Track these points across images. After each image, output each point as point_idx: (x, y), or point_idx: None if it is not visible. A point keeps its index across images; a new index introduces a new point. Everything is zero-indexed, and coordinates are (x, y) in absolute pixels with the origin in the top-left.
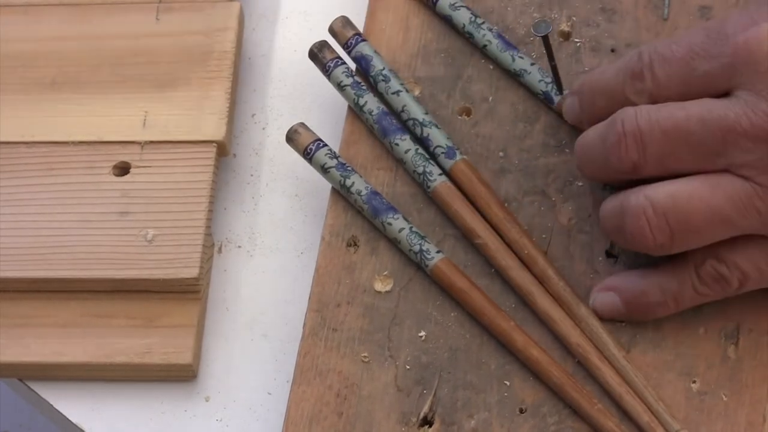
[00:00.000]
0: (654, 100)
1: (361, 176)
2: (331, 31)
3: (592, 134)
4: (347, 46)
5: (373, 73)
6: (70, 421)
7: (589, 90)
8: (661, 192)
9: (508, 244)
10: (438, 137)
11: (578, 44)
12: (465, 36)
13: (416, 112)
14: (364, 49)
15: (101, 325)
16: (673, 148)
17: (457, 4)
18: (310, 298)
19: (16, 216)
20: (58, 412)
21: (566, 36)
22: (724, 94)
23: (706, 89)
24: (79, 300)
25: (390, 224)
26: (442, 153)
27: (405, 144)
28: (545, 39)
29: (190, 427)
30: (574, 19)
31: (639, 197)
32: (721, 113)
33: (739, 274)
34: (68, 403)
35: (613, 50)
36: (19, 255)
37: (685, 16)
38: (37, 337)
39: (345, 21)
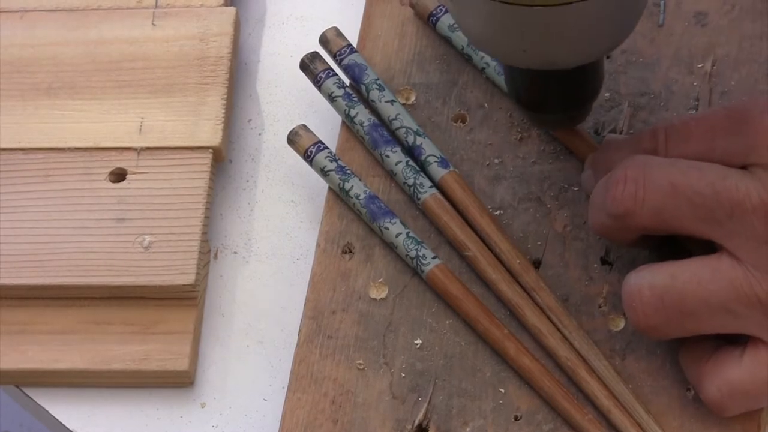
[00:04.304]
0: None
1: (360, 180)
2: (323, 40)
3: (600, 182)
4: (339, 55)
5: (366, 81)
6: (66, 427)
7: (604, 168)
8: (661, 273)
9: (497, 256)
10: (431, 146)
11: None
12: (464, 57)
13: (409, 121)
14: (356, 58)
15: (98, 332)
16: (676, 203)
17: (456, 26)
18: (305, 305)
19: (12, 223)
20: (55, 418)
21: None
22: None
23: (720, 162)
24: (75, 307)
25: (387, 229)
26: (436, 162)
27: (395, 156)
28: None
29: None
30: None
31: (638, 276)
32: (734, 184)
33: None
34: (64, 409)
35: (608, 56)
36: (15, 262)
37: (681, 23)
38: (34, 344)
39: (336, 31)
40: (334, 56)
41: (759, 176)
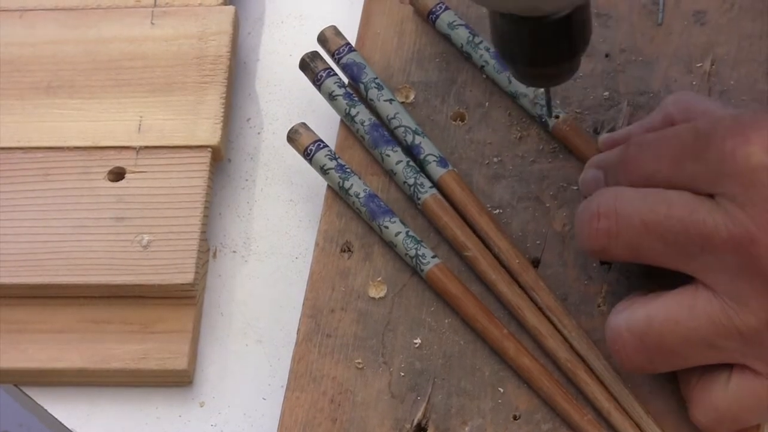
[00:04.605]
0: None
1: (360, 178)
2: (321, 39)
3: (578, 211)
4: (338, 54)
5: (365, 80)
6: (65, 426)
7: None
8: (638, 313)
9: (496, 255)
10: (430, 145)
11: None
12: (463, 55)
13: (408, 120)
14: (354, 57)
15: (97, 331)
16: (649, 241)
17: (455, 23)
18: (304, 303)
19: (11, 222)
20: (54, 417)
21: None
22: (707, 194)
23: (689, 187)
24: (74, 306)
25: (387, 227)
26: (434, 161)
27: (396, 155)
28: None
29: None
30: None
31: (617, 318)
32: (702, 218)
33: None
34: (63, 408)
35: (607, 55)
36: (14, 261)
37: (680, 21)
38: (33, 343)
39: (335, 30)
40: (332, 55)
41: (725, 208)
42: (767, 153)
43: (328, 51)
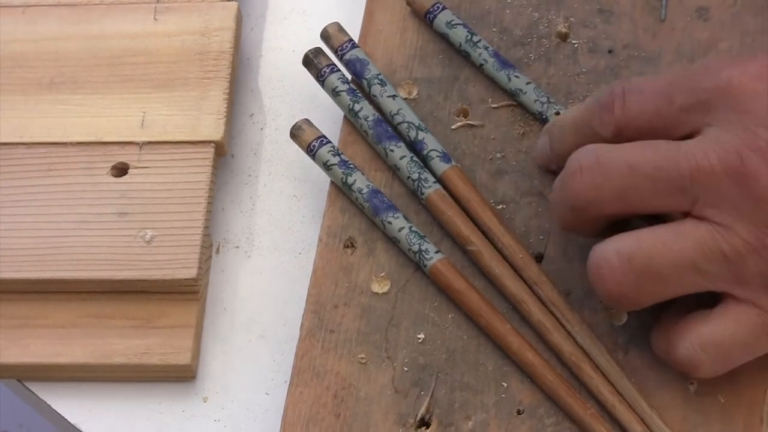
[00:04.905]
0: (620, 132)
1: (363, 174)
2: (324, 36)
3: (557, 180)
4: (341, 50)
5: (367, 76)
6: (68, 421)
7: (558, 127)
8: (626, 239)
9: (500, 251)
10: (433, 141)
11: (576, 45)
12: (462, 54)
13: (411, 116)
14: (357, 53)
15: (100, 326)
16: (637, 182)
17: (453, 22)
18: (307, 299)
19: (14, 217)
20: (56, 412)
21: (564, 37)
22: (691, 136)
23: (677, 125)
24: (77, 301)
25: (390, 223)
26: (438, 156)
27: (400, 151)
28: None
29: (188, 427)
30: (572, 20)
31: (605, 244)
32: (690, 150)
33: None
34: (66, 403)
35: (610, 51)
36: (17, 256)
37: (683, 17)
38: (35, 338)
39: (338, 27)
40: (335, 51)
41: (715, 136)
42: (759, 77)
43: (331, 47)
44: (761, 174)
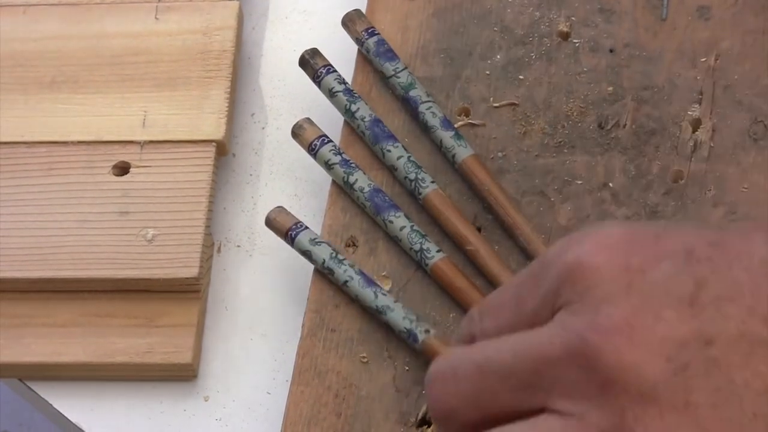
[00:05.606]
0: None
1: (364, 173)
2: (347, 22)
3: None
4: (366, 33)
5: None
6: (69, 420)
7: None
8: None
9: (515, 238)
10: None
11: (577, 44)
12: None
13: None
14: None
15: (101, 325)
16: (486, 384)
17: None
18: (308, 298)
19: (15, 216)
20: (58, 411)
21: (565, 36)
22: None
23: (534, 319)
24: (79, 300)
25: (391, 222)
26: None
27: (397, 151)
28: None
29: (190, 426)
30: (573, 19)
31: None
32: (534, 340)
33: None
34: (67, 402)
35: (611, 50)
36: (18, 255)
37: (684, 16)
38: (37, 337)
39: (359, 13)
40: (363, 31)
41: (560, 320)
42: (596, 253)
43: (357, 29)
44: (605, 355)
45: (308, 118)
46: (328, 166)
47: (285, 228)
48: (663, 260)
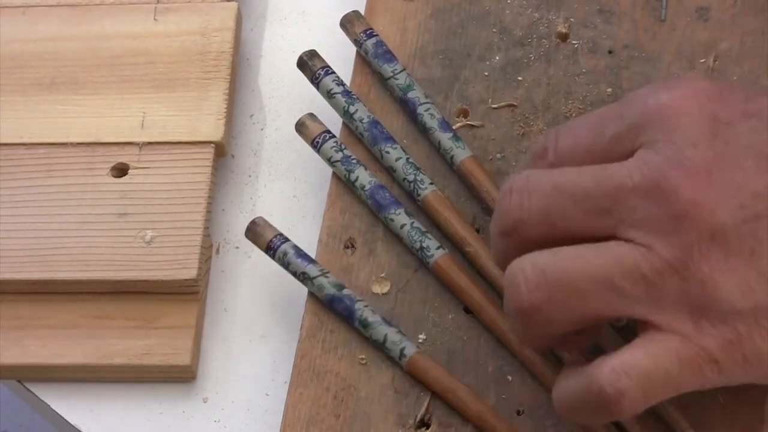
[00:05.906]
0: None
1: (366, 169)
2: (345, 23)
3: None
4: (364, 34)
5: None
6: (68, 422)
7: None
8: (545, 252)
9: None
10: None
11: (576, 46)
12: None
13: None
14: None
15: (100, 327)
16: (560, 201)
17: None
18: (307, 299)
19: (14, 218)
20: (56, 413)
21: (564, 37)
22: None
23: (610, 154)
24: (77, 301)
25: (392, 220)
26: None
27: (395, 152)
28: None
29: (188, 427)
30: (572, 20)
31: (523, 258)
32: (615, 169)
33: None
34: (66, 404)
35: (610, 51)
36: (17, 257)
37: (683, 17)
38: (35, 339)
39: (357, 14)
40: (362, 33)
41: (642, 156)
42: (687, 98)
43: (356, 30)
44: (682, 191)
45: (311, 114)
46: (330, 162)
47: (264, 243)
48: (750, 118)
